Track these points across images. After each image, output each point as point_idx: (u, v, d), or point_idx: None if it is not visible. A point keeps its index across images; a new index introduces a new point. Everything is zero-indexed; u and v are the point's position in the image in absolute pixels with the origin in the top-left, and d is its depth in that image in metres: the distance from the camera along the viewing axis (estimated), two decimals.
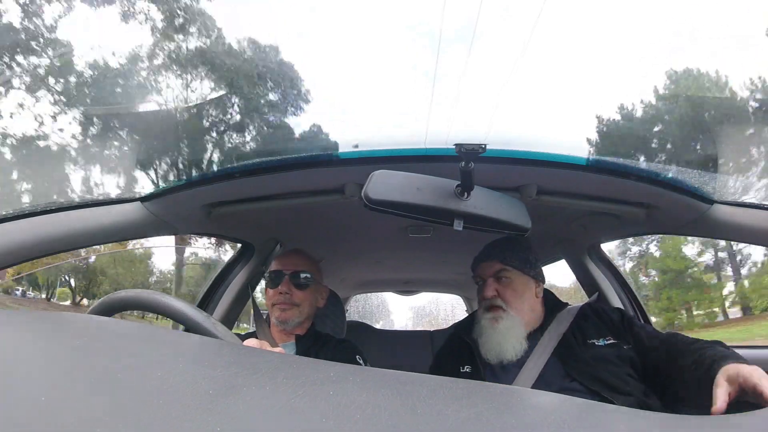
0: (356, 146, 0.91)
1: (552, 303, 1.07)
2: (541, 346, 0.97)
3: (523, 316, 1.01)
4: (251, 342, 0.71)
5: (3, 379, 0.31)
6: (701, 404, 0.76)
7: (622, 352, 0.95)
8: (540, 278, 1.07)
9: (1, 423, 0.25)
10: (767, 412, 0.47)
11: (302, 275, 1.14)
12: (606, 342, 0.96)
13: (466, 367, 1.03)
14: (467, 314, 1.45)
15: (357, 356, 1.13)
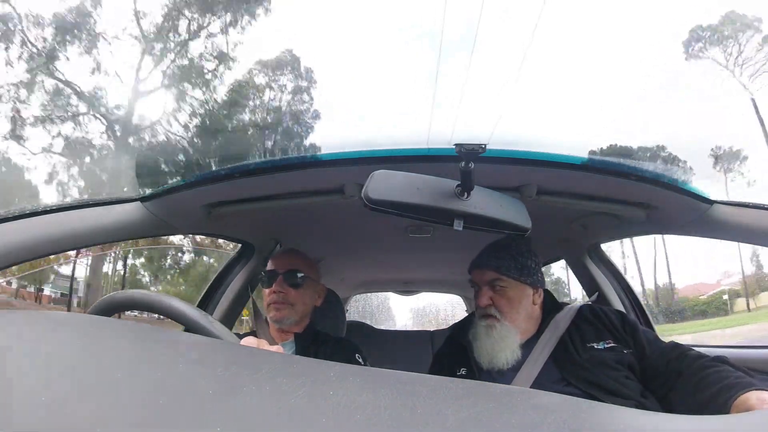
0: None
1: (550, 304, 1.06)
2: (537, 351, 0.97)
3: (518, 325, 1.00)
4: (249, 340, 0.71)
5: (3, 379, 0.31)
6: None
7: (622, 356, 0.93)
8: (539, 284, 1.04)
9: (1, 423, 0.25)
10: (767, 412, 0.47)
11: (297, 274, 1.13)
12: (606, 345, 0.95)
13: (462, 369, 1.02)
14: (467, 314, 1.44)
15: (356, 355, 1.12)
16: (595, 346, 0.95)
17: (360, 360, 1.12)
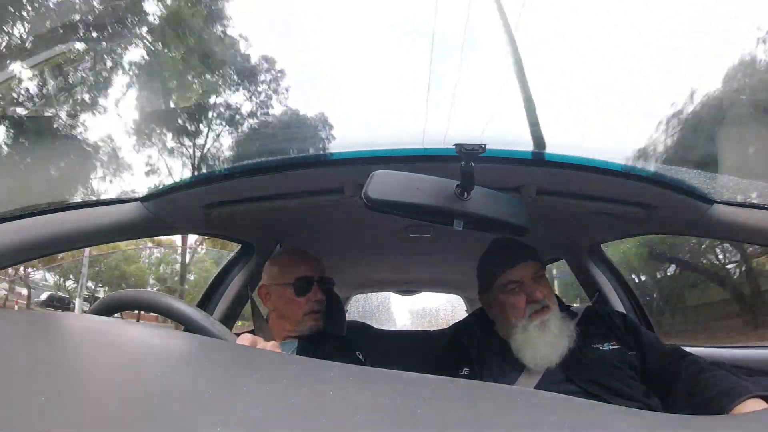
0: None
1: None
2: None
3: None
4: (245, 338, 0.69)
5: (3, 379, 0.31)
6: None
7: (626, 357, 0.94)
8: None
9: (1, 423, 0.25)
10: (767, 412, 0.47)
11: (327, 279, 1.11)
12: (610, 347, 0.95)
13: (464, 369, 1.01)
14: (467, 314, 1.44)
15: (357, 352, 1.12)
16: (600, 348, 0.95)
17: (360, 357, 1.12)
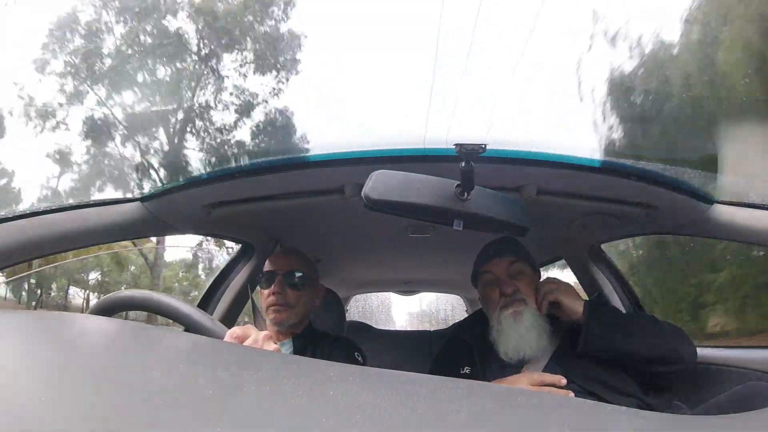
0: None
1: None
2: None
3: (539, 311, 0.99)
4: (234, 332, 0.64)
5: (3, 379, 0.31)
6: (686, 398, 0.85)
7: None
8: (539, 274, 1.07)
9: (1, 423, 0.25)
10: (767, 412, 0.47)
11: (296, 274, 1.12)
12: None
13: (465, 368, 1.02)
14: (467, 314, 1.44)
15: (356, 353, 1.12)
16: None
17: (359, 358, 1.12)
